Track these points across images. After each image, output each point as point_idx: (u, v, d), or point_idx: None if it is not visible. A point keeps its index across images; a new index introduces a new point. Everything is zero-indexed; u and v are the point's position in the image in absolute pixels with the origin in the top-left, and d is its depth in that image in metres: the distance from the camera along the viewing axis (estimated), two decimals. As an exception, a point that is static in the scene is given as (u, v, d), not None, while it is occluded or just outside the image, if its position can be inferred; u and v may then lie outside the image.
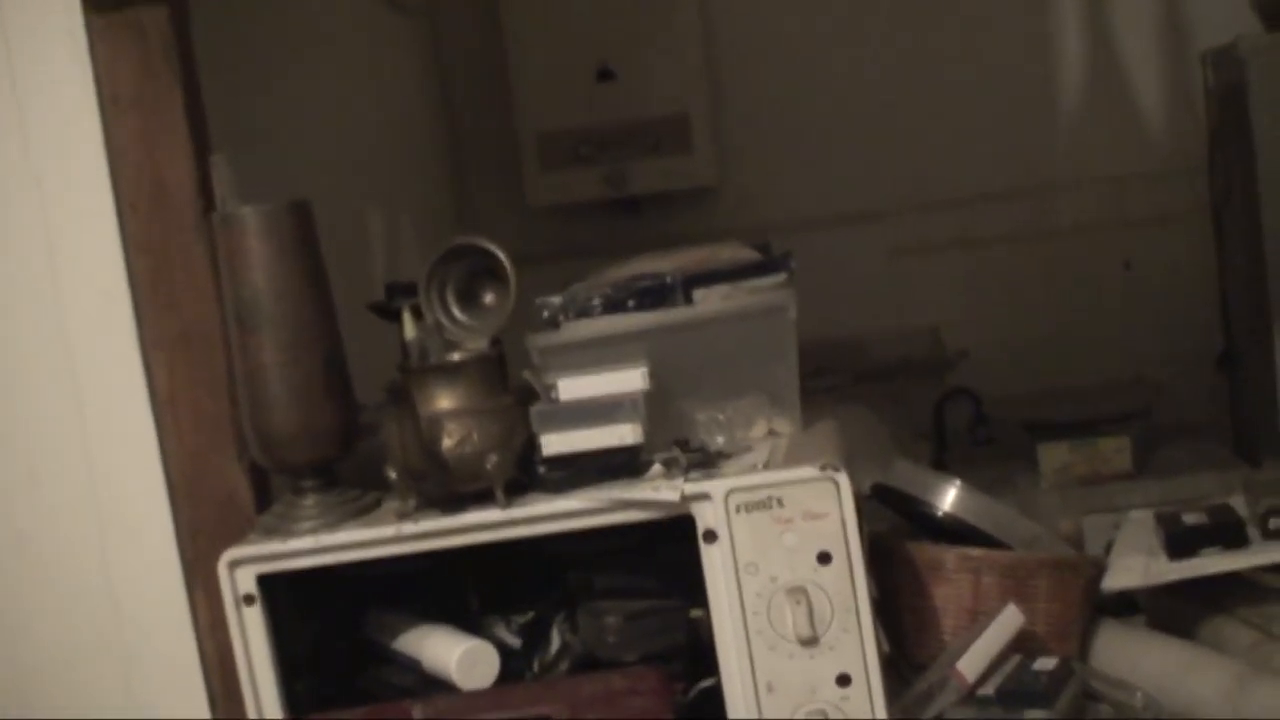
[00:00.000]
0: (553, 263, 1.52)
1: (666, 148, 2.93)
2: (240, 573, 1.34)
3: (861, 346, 2.88)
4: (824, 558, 1.29)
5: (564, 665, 1.43)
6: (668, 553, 1.41)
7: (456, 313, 1.44)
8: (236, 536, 1.39)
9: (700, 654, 1.38)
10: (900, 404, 2.75)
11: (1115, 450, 2.55)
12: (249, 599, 1.34)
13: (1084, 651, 1.51)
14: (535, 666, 1.43)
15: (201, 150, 1.46)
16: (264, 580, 1.34)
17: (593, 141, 2.92)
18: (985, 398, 2.77)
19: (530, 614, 1.45)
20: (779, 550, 1.29)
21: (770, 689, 1.30)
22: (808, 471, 1.29)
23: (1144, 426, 2.57)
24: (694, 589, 1.37)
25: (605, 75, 2.91)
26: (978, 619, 1.44)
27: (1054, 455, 2.54)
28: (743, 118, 3.01)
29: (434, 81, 2.99)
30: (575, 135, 2.92)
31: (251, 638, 1.34)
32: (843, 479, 1.28)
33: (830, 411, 1.50)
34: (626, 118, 2.90)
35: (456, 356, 1.38)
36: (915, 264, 2.99)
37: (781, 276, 1.44)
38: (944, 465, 2.59)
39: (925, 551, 1.48)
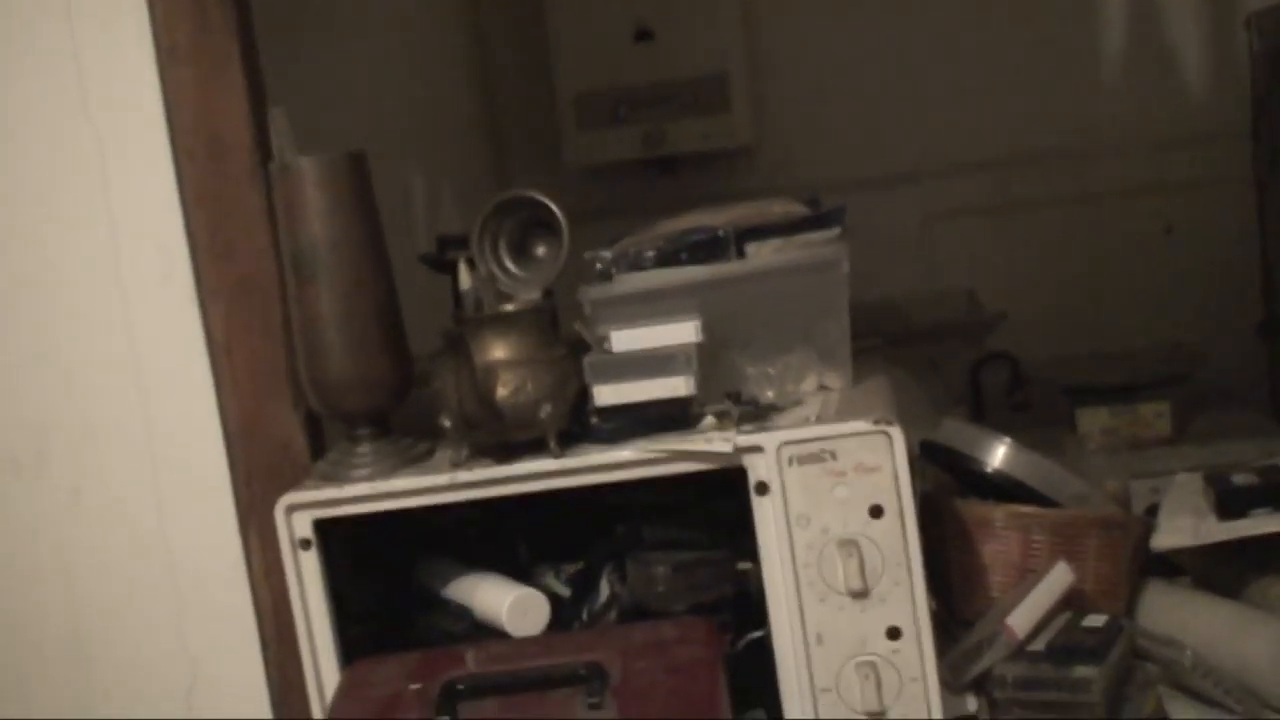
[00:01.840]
0: (589, 223, 1.53)
1: (704, 108, 2.92)
2: (297, 517, 1.35)
3: (897, 309, 2.87)
4: (876, 511, 1.29)
5: (612, 615, 1.44)
6: (716, 505, 1.43)
7: (509, 264, 1.45)
8: (291, 484, 1.41)
9: (747, 606, 1.39)
10: (936, 367, 2.74)
11: (1155, 415, 2.54)
12: (305, 543, 1.35)
13: (1131, 611, 1.52)
14: (584, 616, 1.44)
15: (257, 101, 1.47)
16: (319, 526, 1.36)
17: (630, 101, 2.91)
18: (1023, 362, 2.76)
19: (579, 564, 1.46)
20: (830, 503, 1.30)
21: (820, 640, 1.31)
22: (861, 425, 1.29)
23: (1183, 392, 2.56)
24: (742, 541, 1.38)
25: (643, 35, 2.90)
26: (1026, 576, 1.45)
27: (1093, 420, 2.54)
28: (780, 78, 3.00)
29: (472, 41, 2.98)
30: (613, 95, 2.91)
31: (307, 582, 1.36)
32: (896, 432, 1.28)
33: (881, 368, 1.50)
34: (664, 78, 2.90)
35: (510, 307, 1.39)
36: (953, 226, 2.98)
37: (834, 231, 1.44)
38: (980, 428, 2.58)
39: (974, 508, 1.48)
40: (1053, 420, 2.62)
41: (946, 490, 1.56)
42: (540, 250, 1.45)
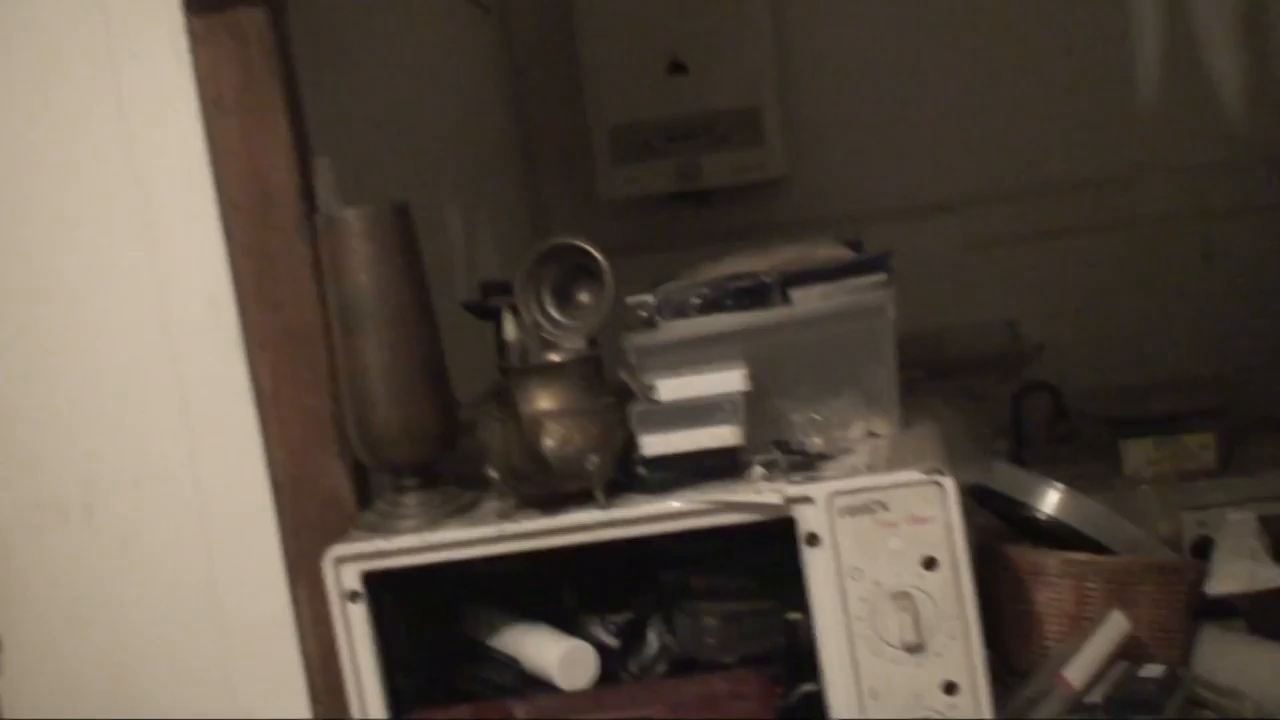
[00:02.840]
0: (624, 256, 1.52)
1: (738, 140, 2.91)
2: (345, 570, 1.35)
3: (937, 341, 2.86)
4: (929, 563, 1.28)
5: (661, 666, 1.43)
6: (764, 554, 1.41)
7: (553, 312, 1.44)
8: (338, 534, 1.40)
9: (798, 657, 1.38)
10: (977, 399, 2.72)
11: (1200, 447, 2.52)
12: (354, 595, 1.35)
13: (1187, 657, 1.49)
14: (633, 667, 1.43)
15: (303, 150, 1.47)
16: (367, 577, 1.35)
17: (664, 135, 2.91)
18: (1064, 392, 2.74)
19: (627, 614, 1.45)
20: (883, 554, 1.28)
21: (875, 695, 1.29)
22: (912, 475, 1.28)
23: (1227, 422, 2.54)
24: (791, 591, 1.36)
25: (677, 68, 2.90)
26: (1080, 625, 1.43)
27: (1138, 451, 2.51)
28: (814, 109, 2.99)
29: (506, 75, 2.99)
30: (647, 128, 2.91)
31: (356, 634, 1.35)
32: (948, 482, 1.27)
33: (928, 410, 1.49)
34: (698, 110, 2.89)
35: (557, 357, 1.39)
36: (991, 256, 2.96)
37: (880, 276, 1.43)
38: (1022, 462, 2.56)
39: (1027, 556, 1.47)
40: (1095, 451, 2.60)
41: (997, 536, 1.54)
42: (583, 296, 1.45)
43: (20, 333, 1.52)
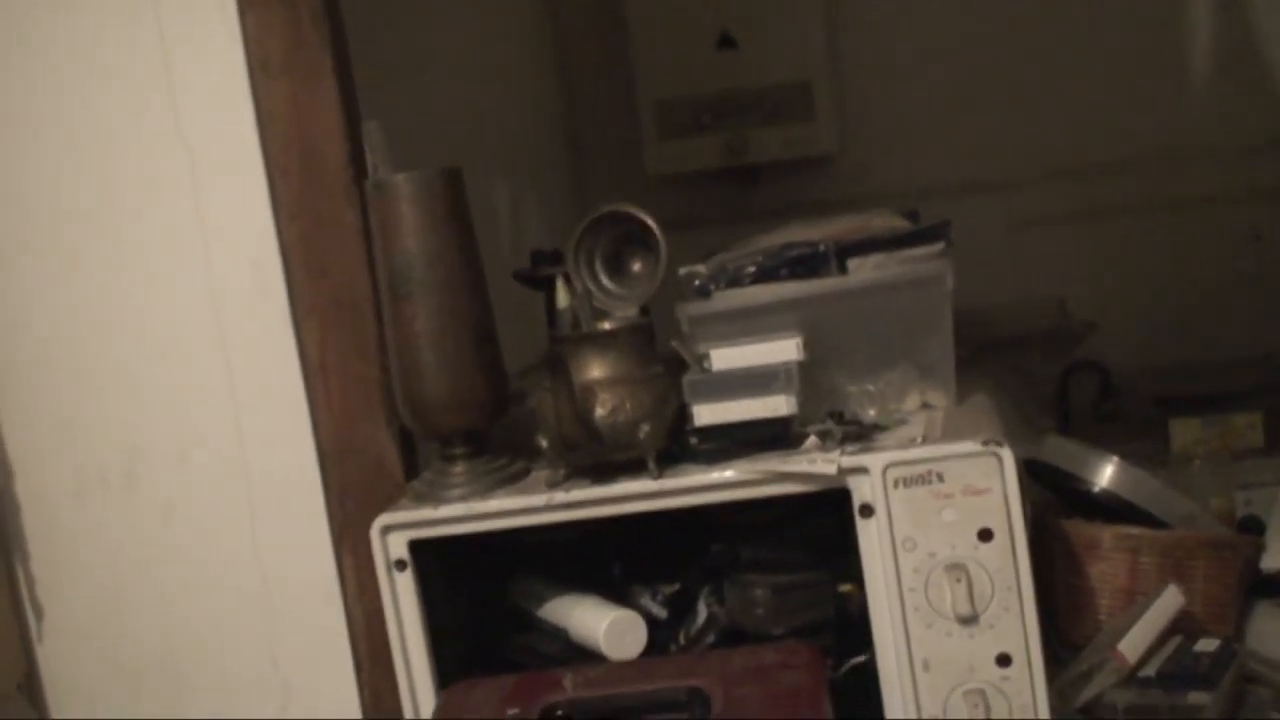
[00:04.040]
0: (670, 232, 1.51)
1: (787, 115, 2.89)
2: (392, 538, 1.34)
3: (984, 318, 2.82)
4: (985, 534, 1.26)
5: (710, 637, 1.41)
6: (815, 526, 1.40)
7: (605, 281, 1.43)
8: (385, 503, 1.39)
9: (848, 629, 1.36)
10: (1024, 377, 2.69)
11: (1248, 426, 2.47)
12: (401, 564, 1.34)
13: (1240, 633, 1.47)
14: (681, 638, 1.42)
15: (352, 116, 1.46)
16: (414, 546, 1.35)
17: (712, 110, 2.89)
18: (1112, 372, 2.71)
19: (676, 585, 1.44)
20: (938, 526, 1.27)
21: (927, 667, 1.28)
22: (969, 446, 1.26)
23: (1276, 401, 2.50)
24: (841, 563, 1.35)
25: (726, 42, 2.87)
26: (1134, 599, 1.41)
27: (1185, 431, 2.48)
28: (864, 85, 2.96)
29: (553, 50, 2.97)
30: (695, 103, 2.89)
31: (403, 603, 1.35)
32: (1006, 453, 1.25)
33: (983, 384, 1.47)
34: (747, 85, 2.87)
35: (609, 325, 1.37)
36: (1039, 234, 2.93)
37: (938, 246, 1.41)
38: (1070, 439, 2.54)
39: (1081, 529, 1.45)
40: (1142, 431, 2.56)
41: (1049, 510, 1.52)
42: (636, 266, 1.43)
43: (65, 299, 1.52)
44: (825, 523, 1.36)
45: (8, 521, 1.52)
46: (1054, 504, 1.55)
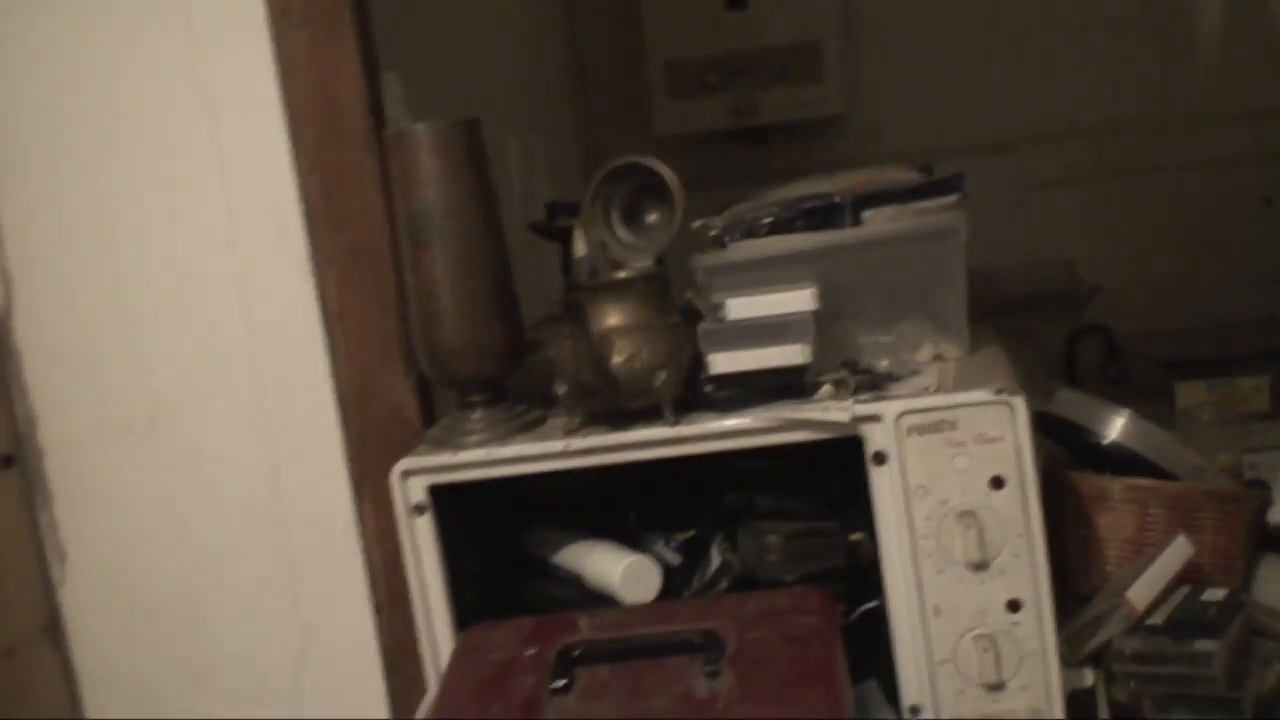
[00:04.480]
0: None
1: (796, 76, 2.90)
2: (412, 483, 1.36)
3: (991, 281, 2.83)
4: (997, 482, 1.27)
5: (723, 584, 1.43)
6: (827, 476, 1.42)
7: (621, 231, 1.44)
8: (403, 450, 1.41)
9: (859, 577, 1.38)
10: (1031, 340, 2.70)
11: (1254, 390, 2.49)
12: (420, 508, 1.36)
13: (1247, 585, 1.49)
14: (694, 585, 1.44)
15: (371, 66, 1.47)
16: (433, 491, 1.36)
17: (722, 70, 2.90)
18: (1119, 334, 2.72)
19: (690, 532, 1.46)
20: (950, 474, 1.28)
21: (938, 613, 1.30)
22: (982, 394, 1.28)
23: (1280, 366, 2.51)
24: (853, 512, 1.37)
25: (735, 3, 2.88)
26: (1142, 550, 1.43)
27: (1191, 394, 2.49)
28: (874, 47, 2.96)
29: (564, 9, 2.98)
30: (704, 64, 2.90)
31: (421, 546, 1.37)
32: (1018, 402, 1.26)
33: (997, 339, 1.48)
34: (756, 46, 2.87)
35: (625, 274, 1.38)
36: (1049, 196, 2.94)
37: (952, 197, 1.42)
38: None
39: (1090, 481, 1.46)
40: (1148, 393, 2.57)
41: (1059, 463, 1.54)
42: (651, 217, 1.44)
43: (87, 248, 1.53)
44: (839, 473, 1.37)
45: (31, 467, 1.54)
46: (1063, 457, 1.56)
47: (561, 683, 1.22)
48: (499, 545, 1.51)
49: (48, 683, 1.55)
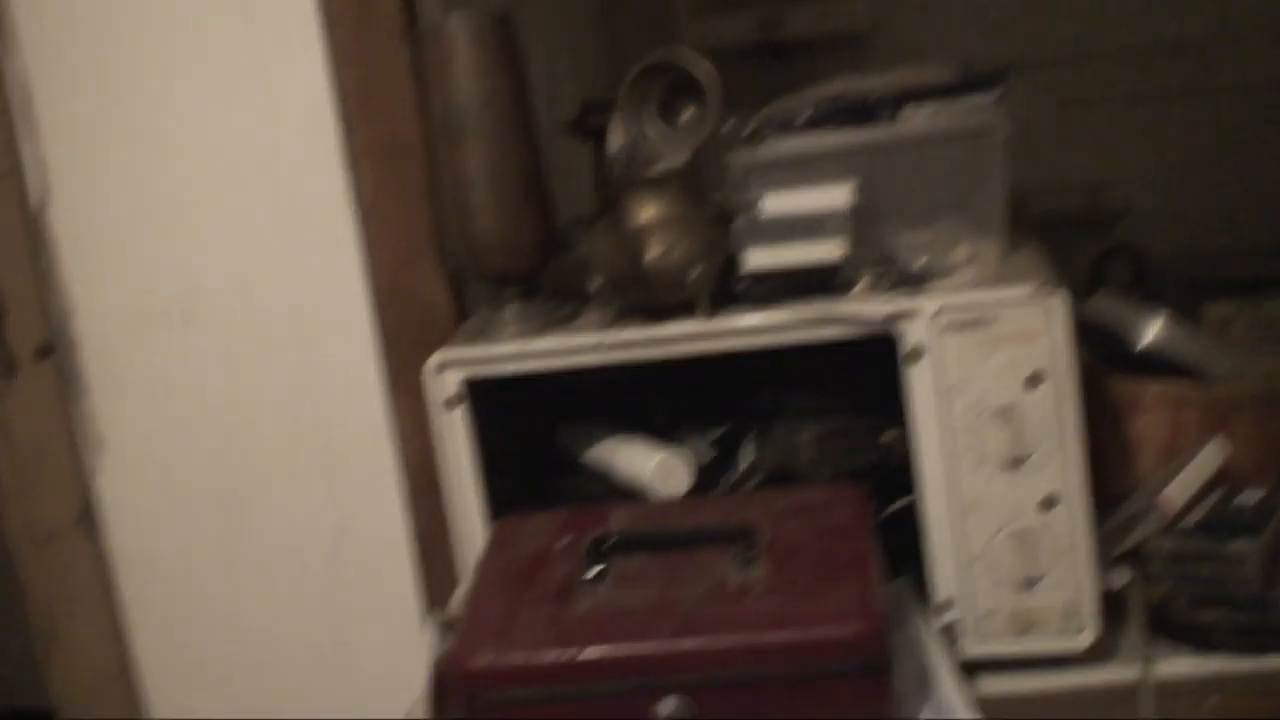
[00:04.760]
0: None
1: (823, -10, 2.87)
2: (446, 375, 1.36)
3: (1021, 199, 2.81)
4: (1033, 379, 1.27)
5: (754, 482, 1.44)
6: (859, 374, 1.41)
7: (656, 128, 1.43)
8: (437, 345, 1.41)
9: (888, 477, 1.38)
10: (1058, 259, 2.69)
11: (1282, 312, 2.48)
12: (454, 400, 1.36)
13: (1280, 490, 1.48)
14: (725, 482, 1.44)
15: (405, -41, 1.45)
16: (466, 386, 1.36)
17: (749, -19, 2.87)
18: (1148, 255, 2.70)
19: (722, 430, 1.46)
20: (986, 370, 1.28)
21: (972, 509, 1.30)
22: (1020, 291, 1.27)
23: (1309, 288, 2.50)
24: (885, 412, 1.36)
25: (764, -88, 2.85)
26: (1177, 454, 1.42)
27: (1219, 315, 2.48)
28: (904, -41, 2.93)
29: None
30: (730, -24, 2.87)
31: (456, 439, 1.37)
32: (1058, 298, 1.26)
33: (1033, 240, 1.47)
34: (782, -42, 2.84)
35: (661, 169, 1.37)
36: (1081, 117, 2.91)
37: (993, 95, 1.40)
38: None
39: (1124, 385, 1.45)
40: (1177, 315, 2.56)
41: (1093, 369, 1.53)
42: (686, 115, 1.43)
43: (123, 141, 1.53)
44: (870, 372, 1.37)
45: (68, 358, 1.55)
46: (1096, 364, 1.55)
47: (595, 572, 1.22)
48: (530, 441, 1.51)
49: (84, 570, 1.57)
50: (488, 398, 1.39)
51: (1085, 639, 1.29)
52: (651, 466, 1.37)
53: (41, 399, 1.53)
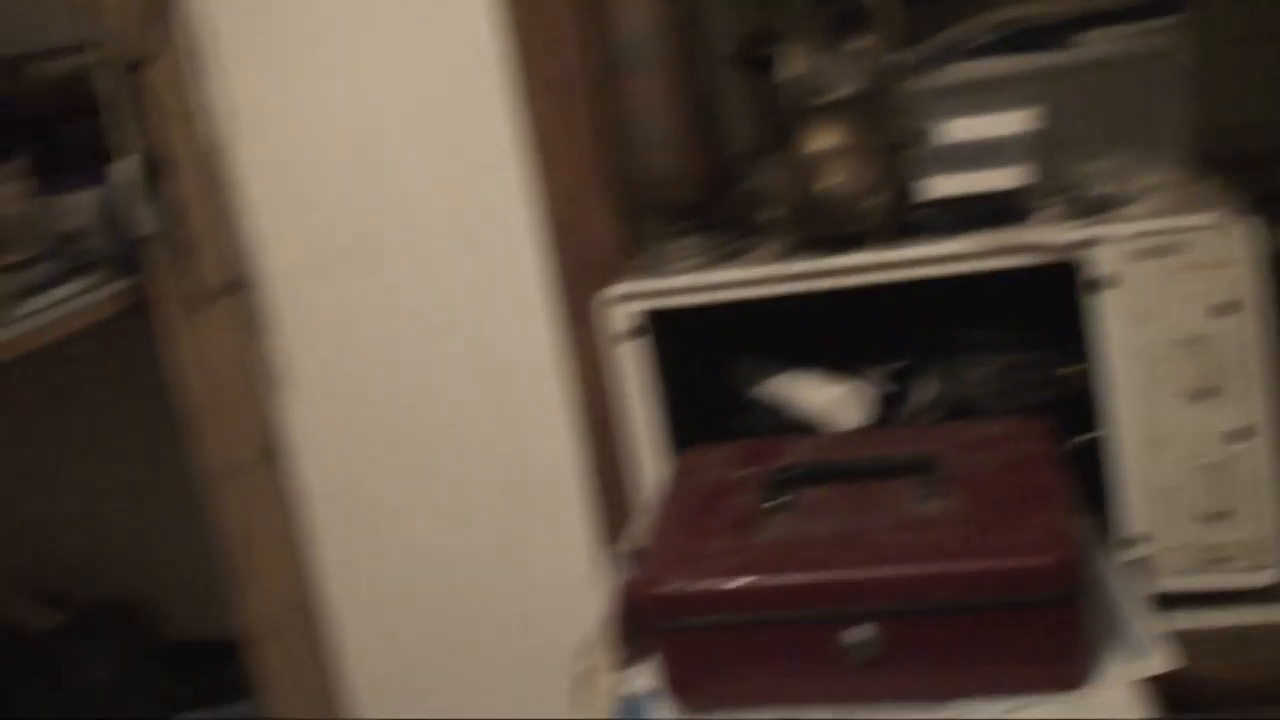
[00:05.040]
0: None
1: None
2: (623, 308, 1.36)
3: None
4: (1224, 308, 1.24)
5: (932, 416, 1.42)
6: (1038, 307, 1.39)
7: (829, 56, 1.41)
8: (609, 280, 1.42)
9: (1068, 412, 1.36)
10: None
11: None
12: (631, 333, 1.37)
13: None
14: (903, 416, 1.43)
15: (575, -109, 1.45)
16: (641, 319, 1.37)
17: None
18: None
19: (900, 363, 1.45)
20: (1175, 299, 1.25)
21: (1161, 443, 1.27)
22: (1210, 217, 1.23)
23: None
24: (1064, 345, 1.34)
25: None
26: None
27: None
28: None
29: None
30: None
31: (630, 373, 1.38)
32: (1249, 226, 1.22)
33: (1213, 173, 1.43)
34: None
35: (835, 96, 1.36)
36: (1248, 55, 2.80)
37: (1177, 16, 1.36)
38: None
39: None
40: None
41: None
42: (859, 43, 1.41)
43: (303, 82, 1.55)
44: (1051, 305, 1.34)
45: (254, 294, 1.58)
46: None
47: (778, 502, 1.22)
48: (701, 377, 1.51)
49: (267, 504, 1.61)
50: (659, 332, 1.40)
51: (1274, 574, 1.27)
52: (830, 399, 1.37)
53: (229, 334, 1.57)
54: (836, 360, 1.48)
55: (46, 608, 1.65)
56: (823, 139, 1.34)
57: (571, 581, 1.56)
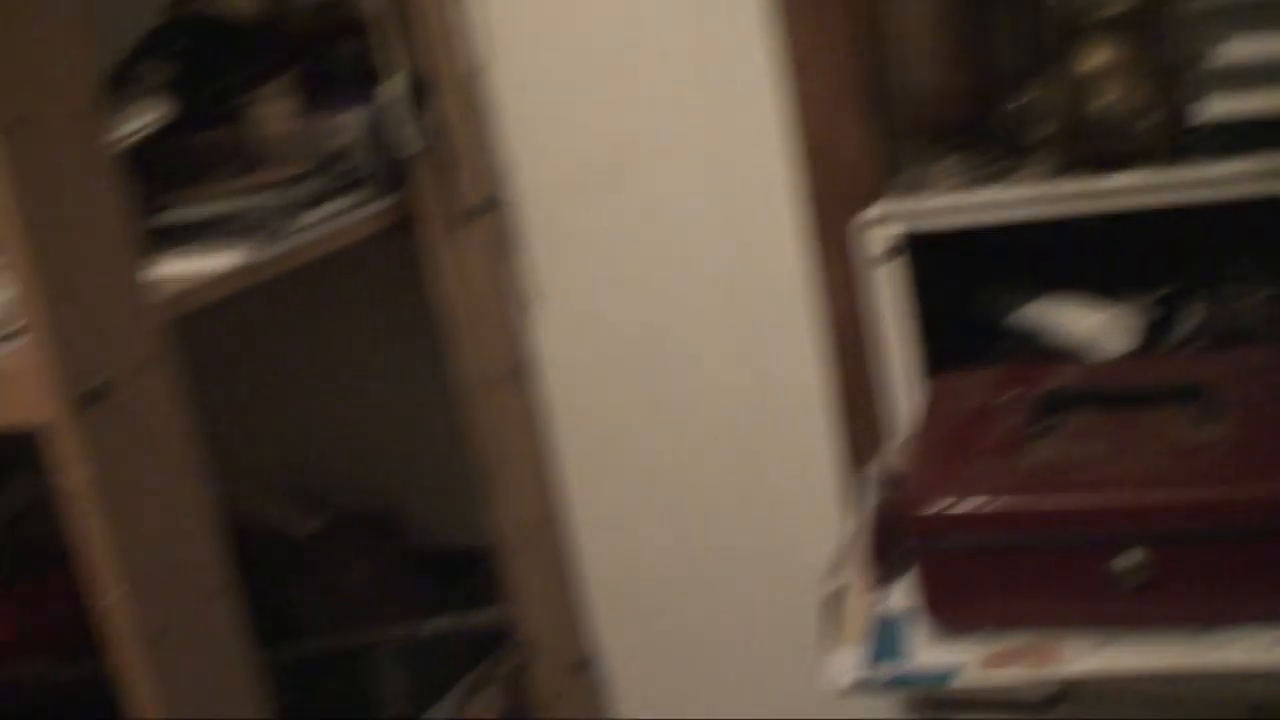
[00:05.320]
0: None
1: None
2: (882, 229, 1.35)
3: None
4: None
5: (1199, 345, 1.37)
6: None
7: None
8: (864, 200, 1.40)
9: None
10: None
11: None
12: (890, 254, 1.35)
13: None
14: (1169, 344, 1.38)
15: None
16: (904, 239, 1.35)
17: None
18: None
19: (1166, 290, 1.40)
20: None
21: None
22: None
23: None
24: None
25: None
26: None
27: None
28: None
29: None
30: None
31: (886, 295, 1.36)
32: None
33: None
34: None
35: (1113, 11, 1.31)
36: None
37: None
38: None
39: None
40: None
41: None
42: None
43: (554, 1, 1.57)
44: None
45: (508, 213, 1.62)
46: None
47: (1044, 425, 1.20)
48: (950, 303, 1.49)
49: (517, 420, 1.65)
50: (914, 257, 1.38)
51: None
52: (1094, 325, 1.33)
53: (486, 251, 1.61)
54: (1092, 287, 1.43)
55: (307, 512, 1.72)
56: (1097, 56, 1.29)
57: (814, 503, 1.56)
